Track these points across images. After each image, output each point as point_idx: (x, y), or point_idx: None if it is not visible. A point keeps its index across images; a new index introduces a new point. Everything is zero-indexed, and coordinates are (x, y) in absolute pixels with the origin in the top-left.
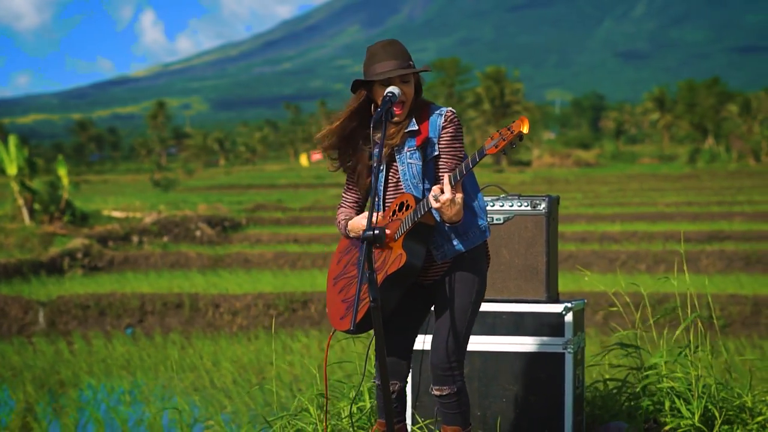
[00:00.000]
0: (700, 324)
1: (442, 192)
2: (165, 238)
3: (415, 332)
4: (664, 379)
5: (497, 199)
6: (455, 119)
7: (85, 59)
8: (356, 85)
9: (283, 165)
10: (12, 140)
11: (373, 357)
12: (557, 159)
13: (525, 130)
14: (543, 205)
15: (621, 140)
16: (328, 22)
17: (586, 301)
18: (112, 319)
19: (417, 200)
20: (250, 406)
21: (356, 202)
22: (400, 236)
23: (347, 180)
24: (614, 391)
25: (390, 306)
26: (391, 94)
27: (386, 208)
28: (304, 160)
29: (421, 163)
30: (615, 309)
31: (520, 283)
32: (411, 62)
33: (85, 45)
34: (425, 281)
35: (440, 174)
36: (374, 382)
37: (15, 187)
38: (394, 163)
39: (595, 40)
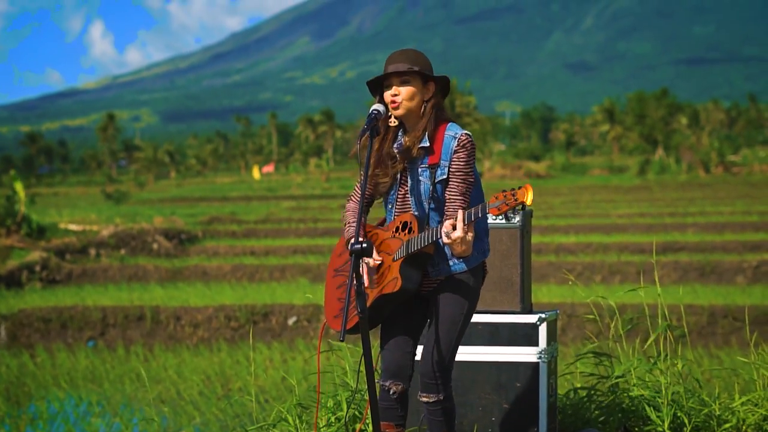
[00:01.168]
0: (669, 334)
1: (454, 228)
2: (122, 251)
3: (417, 336)
4: (635, 388)
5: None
6: (468, 144)
7: (34, 71)
8: (374, 92)
9: (234, 177)
10: None
11: (365, 366)
12: (508, 170)
13: (528, 201)
14: (517, 219)
15: (571, 152)
16: (278, 34)
17: (558, 311)
18: (74, 332)
19: (419, 222)
20: (219, 417)
21: (366, 201)
22: (398, 258)
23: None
24: (585, 399)
25: (377, 319)
26: (376, 112)
27: (391, 219)
28: (255, 172)
29: (429, 183)
30: (592, 317)
31: (496, 295)
32: (421, 68)
33: (33, 57)
34: (422, 291)
35: (449, 196)
36: (379, 383)
37: None
38: (405, 175)
39: (544, 52)
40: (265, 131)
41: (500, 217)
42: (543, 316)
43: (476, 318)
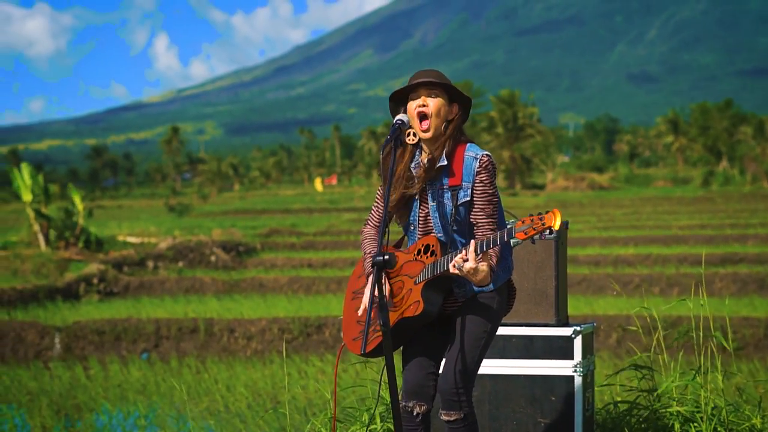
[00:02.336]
0: (712, 347)
1: (465, 260)
2: (180, 264)
3: (439, 356)
4: (674, 402)
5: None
6: (490, 165)
7: (99, 85)
8: (393, 103)
9: (297, 189)
10: (25, 168)
11: (388, 382)
12: (571, 182)
13: (555, 226)
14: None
15: (635, 163)
16: (342, 46)
17: (595, 324)
18: (128, 344)
19: (442, 245)
20: (264, 430)
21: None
22: (420, 282)
23: (376, 200)
24: (625, 413)
25: (399, 343)
26: (400, 122)
27: (414, 241)
28: (318, 184)
29: (451, 205)
30: (634, 329)
31: (530, 307)
32: (450, 84)
33: (99, 71)
34: (445, 310)
35: (474, 219)
36: (401, 403)
37: (30, 213)
38: (426, 196)
39: (607, 64)
40: (329, 144)
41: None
42: (578, 328)
43: (510, 330)
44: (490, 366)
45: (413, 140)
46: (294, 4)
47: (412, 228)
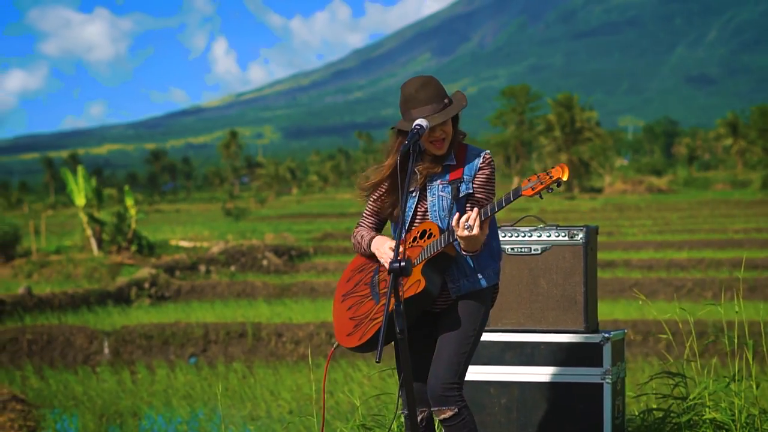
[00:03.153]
0: (747, 353)
1: (469, 224)
2: (232, 268)
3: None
4: (707, 410)
5: (535, 230)
6: (492, 162)
7: (159, 89)
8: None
9: (354, 193)
10: (80, 171)
11: (405, 388)
12: (629, 185)
13: (564, 177)
14: (581, 236)
15: (694, 166)
16: (400, 50)
17: (626, 330)
18: (176, 348)
19: (441, 230)
20: None
21: (375, 227)
22: (420, 262)
23: (369, 206)
24: (658, 421)
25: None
26: (419, 127)
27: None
28: None
29: (451, 198)
30: (664, 336)
31: (559, 314)
32: (446, 99)
33: (158, 75)
34: (434, 309)
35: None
36: (402, 412)
37: (83, 217)
38: (424, 193)
39: (666, 66)
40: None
41: (561, 234)
42: (607, 335)
43: (539, 337)
44: (517, 373)
45: None
46: (352, 7)
47: (405, 224)
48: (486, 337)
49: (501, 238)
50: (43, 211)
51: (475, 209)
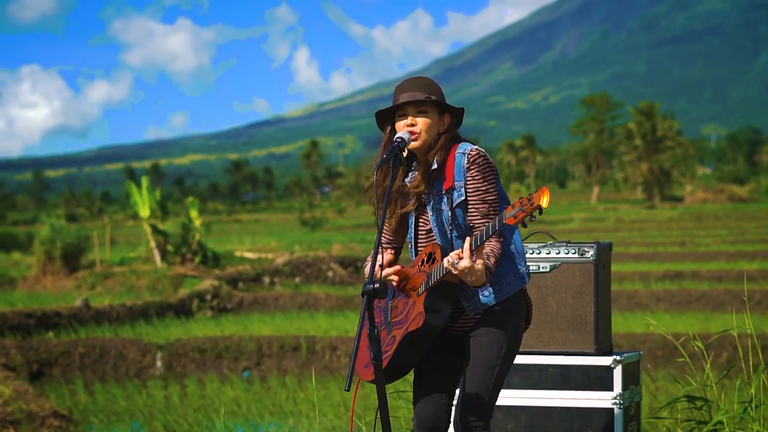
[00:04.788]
0: (764, 378)
1: (460, 258)
2: (297, 279)
3: (453, 385)
4: None
5: (543, 246)
6: (479, 159)
7: (241, 100)
8: (381, 121)
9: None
10: (144, 183)
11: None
12: (710, 194)
13: (544, 204)
14: (591, 253)
15: None
16: (481, 59)
17: (642, 352)
18: (230, 362)
19: (443, 251)
20: None
21: (389, 244)
22: (423, 292)
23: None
24: None
25: (409, 362)
26: (399, 140)
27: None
28: None
29: (448, 209)
30: (681, 360)
31: (568, 335)
32: (436, 97)
33: (240, 85)
34: (455, 332)
35: (470, 221)
36: None
37: (147, 229)
38: (425, 209)
39: (750, 74)
40: None
41: (571, 251)
42: (618, 358)
43: (547, 360)
44: (524, 397)
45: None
46: (434, 17)
47: (410, 246)
48: None
49: None
50: (124, 222)
51: (466, 241)
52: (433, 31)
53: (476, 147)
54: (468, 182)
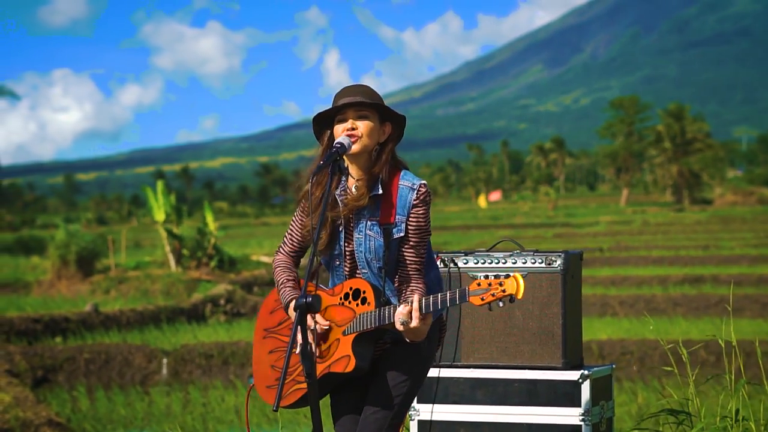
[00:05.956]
0: (744, 391)
1: (410, 317)
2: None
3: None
4: None
5: (510, 255)
6: (427, 197)
7: (271, 103)
8: (318, 126)
9: (463, 206)
10: (159, 186)
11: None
12: (740, 197)
13: (519, 295)
14: (559, 262)
15: None
16: (511, 62)
17: (615, 365)
18: (236, 368)
19: (375, 292)
20: None
21: (296, 252)
22: (350, 333)
23: (293, 224)
24: None
25: (325, 392)
26: (339, 145)
27: (339, 280)
28: (482, 200)
29: (382, 240)
30: (670, 369)
31: (535, 348)
32: (380, 104)
33: (270, 88)
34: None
35: (407, 260)
36: None
37: (163, 233)
38: (350, 228)
39: None
40: (497, 159)
41: (538, 260)
42: (586, 372)
43: (512, 374)
44: (489, 413)
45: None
46: (464, 19)
47: (338, 263)
48: (455, 373)
49: (473, 264)
50: (152, 225)
51: (415, 297)
52: (463, 33)
53: (424, 182)
54: (411, 218)
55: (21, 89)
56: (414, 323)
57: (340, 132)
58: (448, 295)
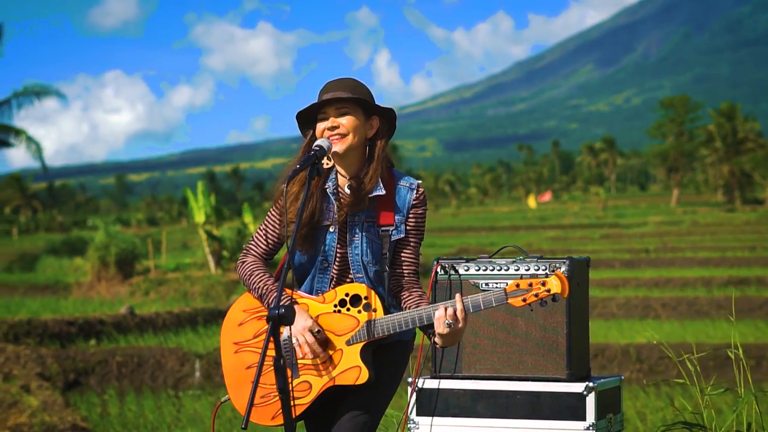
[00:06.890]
0: (755, 403)
1: (456, 318)
2: None
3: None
4: None
5: (513, 262)
6: (425, 198)
7: None
8: (301, 123)
9: (513, 206)
10: (200, 188)
11: None
12: None
13: (565, 294)
14: (563, 269)
15: None
16: (562, 61)
17: (623, 377)
18: None
19: (380, 296)
20: None
21: (269, 254)
22: (357, 342)
23: (268, 223)
24: None
25: (322, 412)
26: (318, 148)
27: (326, 286)
28: (531, 201)
29: (380, 242)
30: (682, 381)
31: (538, 359)
32: (362, 98)
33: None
34: None
35: (405, 260)
36: None
37: (202, 235)
38: (344, 229)
39: None
40: (548, 159)
41: (542, 267)
42: (591, 384)
43: (514, 386)
44: (490, 426)
45: (329, 164)
46: (515, 19)
47: (326, 265)
48: (456, 385)
49: (474, 271)
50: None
51: (458, 297)
52: (513, 33)
53: (419, 182)
54: (410, 219)
55: (73, 91)
56: (461, 324)
57: (321, 131)
58: (491, 295)
